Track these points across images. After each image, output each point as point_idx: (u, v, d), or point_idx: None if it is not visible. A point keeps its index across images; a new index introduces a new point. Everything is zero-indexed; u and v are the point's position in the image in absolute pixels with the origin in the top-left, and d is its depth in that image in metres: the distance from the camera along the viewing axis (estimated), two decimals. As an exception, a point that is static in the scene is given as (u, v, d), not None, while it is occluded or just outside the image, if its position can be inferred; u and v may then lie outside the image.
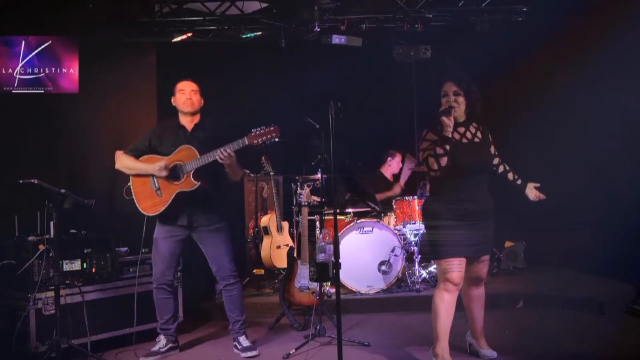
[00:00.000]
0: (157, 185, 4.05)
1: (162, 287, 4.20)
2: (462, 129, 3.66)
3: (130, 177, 4.14)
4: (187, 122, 4.19)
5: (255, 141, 3.89)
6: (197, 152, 3.99)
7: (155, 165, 4.02)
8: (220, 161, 3.90)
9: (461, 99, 3.61)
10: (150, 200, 4.07)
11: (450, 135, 3.52)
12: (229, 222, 4.29)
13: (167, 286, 4.21)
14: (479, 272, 3.74)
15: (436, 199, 3.68)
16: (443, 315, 3.59)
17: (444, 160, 3.46)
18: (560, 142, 6.28)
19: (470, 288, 3.80)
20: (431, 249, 3.68)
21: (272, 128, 3.90)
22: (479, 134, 3.71)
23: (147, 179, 4.08)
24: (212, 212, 4.16)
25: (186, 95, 4.14)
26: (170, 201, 4.01)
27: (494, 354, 3.85)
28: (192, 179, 3.98)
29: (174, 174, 4.02)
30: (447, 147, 3.47)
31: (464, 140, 3.64)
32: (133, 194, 4.12)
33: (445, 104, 3.61)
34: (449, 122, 3.51)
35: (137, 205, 4.10)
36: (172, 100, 4.22)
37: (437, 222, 3.62)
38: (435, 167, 3.47)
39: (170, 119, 4.27)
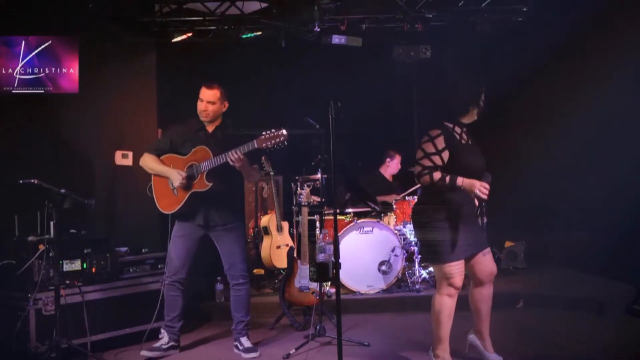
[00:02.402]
0: (173, 184, 4.12)
1: (174, 284, 4.24)
2: (466, 130, 3.62)
3: (152, 176, 4.24)
4: (208, 124, 4.24)
5: (264, 144, 3.93)
6: (211, 153, 4.05)
7: (175, 174, 4.09)
8: (231, 163, 3.95)
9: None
10: (167, 199, 4.17)
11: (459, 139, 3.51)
12: (242, 222, 4.35)
13: (179, 284, 4.25)
14: (488, 264, 3.63)
15: (434, 200, 3.55)
16: (445, 320, 3.55)
17: (437, 175, 3.40)
18: (560, 142, 6.28)
19: (482, 287, 3.69)
20: (432, 253, 3.57)
21: (281, 132, 3.93)
22: (469, 136, 3.65)
23: (166, 178, 4.17)
24: (226, 212, 4.23)
25: (202, 107, 4.18)
26: (184, 200, 4.10)
27: (500, 358, 3.74)
28: (205, 180, 4.05)
29: (189, 174, 4.09)
30: (445, 155, 3.44)
31: (470, 142, 3.60)
32: (153, 191, 4.23)
33: (482, 104, 3.57)
34: None
35: (157, 202, 4.22)
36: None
37: (435, 224, 3.51)
38: (428, 183, 3.41)
39: (194, 119, 4.29)
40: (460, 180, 3.38)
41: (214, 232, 4.24)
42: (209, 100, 4.17)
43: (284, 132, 3.93)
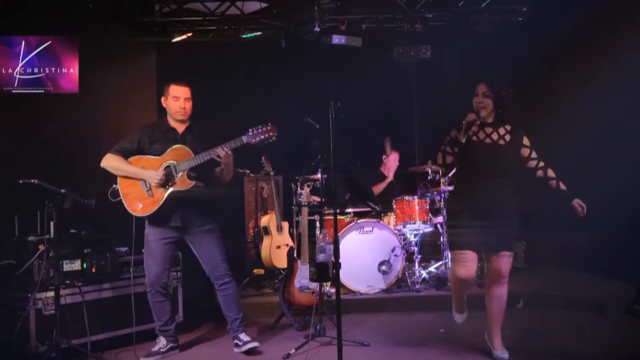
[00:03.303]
0: (148, 185, 4.01)
1: (157, 290, 4.17)
2: (489, 130, 3.78)
3: (118, 178, 4.09)
4: (178, 125, 4.16)
5: (253, 140, 3.91)
6: (191, 152, 3.99)
7: (151, 173, 3.97)
8: (218, 159, 3.92)
9: (488, 101, 3.76)
10: (140, 201, 4.03)
11: (462, 140, 3.68)
12: (219, 222, 4.27)
13: (161, 289, 4.19)
14: (499, 266, 3.77)
15: (458, 197, 3.99)
16: (453, 293, 4.11)
17: (449, 159, 3.73)
18: (560, 142, 6.27)
19: (492, 285, 3.85)
20: (448, 239, 4.05)
21: (269, 127, 3.93)
22: (507, 137, 3.78)
23: (136, 179, 4.05)
24: (204, 213, 4.15)
25: (180, 104, 4.08)
26: (162, 201, 3.99)
27: (506, 355, 3.84)
28: (186, 179, 3.98)
29: (167, 173, 3.99)
30: (455, 148, 3.68)
31: (487, 141, 3.76)
32: (121, 194, 4.06)
33: (474, 103, 3.78)
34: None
35: (126, 206, 4.05)
36: (163, 100, 4.16)
37: (455, 213, 3.96)
38: (440, 161, 3.79)
39: (160, 121, 4.24)
40: (453, 132, 3.72)
41: (190, 235, 4.15)
42: (186, 97, 4.09)
43: (273, 127, 3.92)
